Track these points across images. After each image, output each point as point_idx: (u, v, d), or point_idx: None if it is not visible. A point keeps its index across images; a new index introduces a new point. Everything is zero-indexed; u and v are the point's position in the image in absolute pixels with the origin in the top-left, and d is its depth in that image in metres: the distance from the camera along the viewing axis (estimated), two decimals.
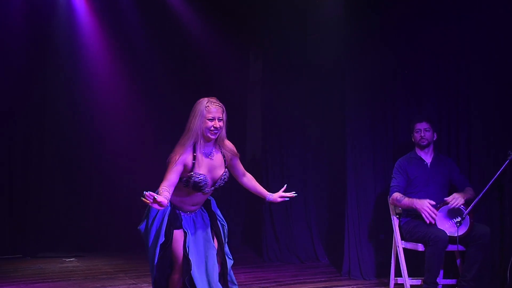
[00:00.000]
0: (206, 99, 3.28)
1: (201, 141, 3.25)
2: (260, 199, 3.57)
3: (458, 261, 4.52)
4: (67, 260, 6.02)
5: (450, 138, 4.94)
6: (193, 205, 3.40)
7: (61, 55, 6.58)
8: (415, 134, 4.64)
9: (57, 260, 6.02)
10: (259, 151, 6.80)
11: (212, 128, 3.23)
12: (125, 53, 6.74)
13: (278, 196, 3.47)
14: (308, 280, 5.05)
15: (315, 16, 6.07)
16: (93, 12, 6.59)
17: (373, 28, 5.19)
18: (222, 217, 3.50)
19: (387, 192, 4.80)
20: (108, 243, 6.72)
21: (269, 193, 3.50)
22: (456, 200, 4.27)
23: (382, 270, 5.03)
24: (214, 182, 3.31)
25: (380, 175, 5.16)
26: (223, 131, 3.30)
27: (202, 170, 3.25)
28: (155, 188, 3.09)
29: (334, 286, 4.84)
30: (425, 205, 4.30)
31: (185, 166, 3.22)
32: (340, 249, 5.39)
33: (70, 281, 4.94)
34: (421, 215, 4.35)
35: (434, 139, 4.66)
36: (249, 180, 3.53)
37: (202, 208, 3.47)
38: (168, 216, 3.30)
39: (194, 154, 3.23)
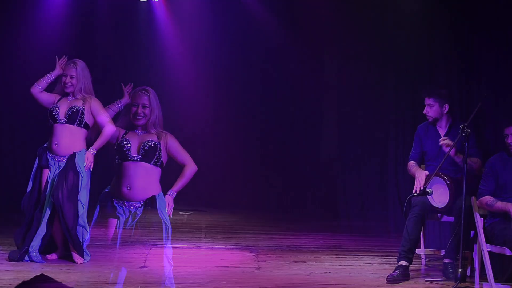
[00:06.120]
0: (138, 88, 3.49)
1: (133, 126, 3.44)
2: None
3: None
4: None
5: None
6: (128, 187, 3.36)
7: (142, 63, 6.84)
8: (505, 139, 4.33)
9: None
10: (334, 152, 6.75)
11: (136, 115, 3.39)
12: (203, 61, 6.89)
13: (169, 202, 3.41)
14: None
15: (394, 13, 5.94)
16: (172, 22, 6.79)
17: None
18: (166, 218, 3.40)
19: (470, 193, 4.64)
20: None
21: (170, 190, 3.45)
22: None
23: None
24: (139, 147, 3.37)
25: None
26: (154, 117, 3.40)
27: (128, 137, 3.42)
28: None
29: None
30: None
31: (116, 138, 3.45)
32: None
33: None
34: (508, 217, 4.17)
35: None
36: (183, 171, 3.49)
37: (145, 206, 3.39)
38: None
39: (126, 131, 3.46)
